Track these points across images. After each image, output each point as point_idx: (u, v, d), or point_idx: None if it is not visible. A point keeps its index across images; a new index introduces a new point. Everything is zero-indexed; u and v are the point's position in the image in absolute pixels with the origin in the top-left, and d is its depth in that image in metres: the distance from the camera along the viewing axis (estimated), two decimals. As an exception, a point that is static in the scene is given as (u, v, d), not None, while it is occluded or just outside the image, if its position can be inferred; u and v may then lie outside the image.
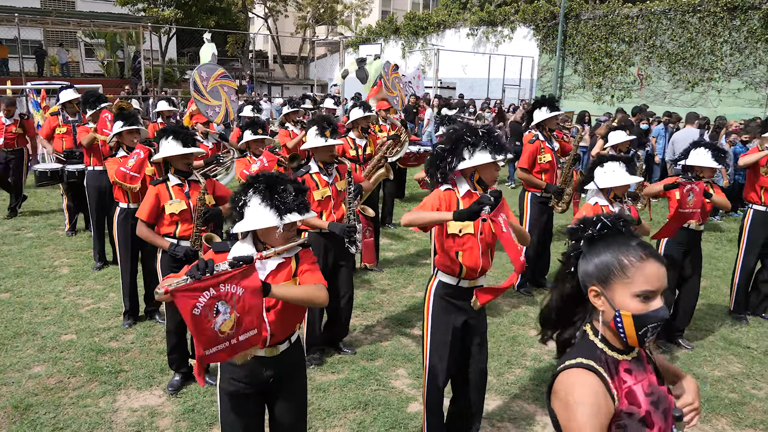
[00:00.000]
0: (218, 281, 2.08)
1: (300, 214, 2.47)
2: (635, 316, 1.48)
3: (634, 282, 1.49)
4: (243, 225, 2.46)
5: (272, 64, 37.12)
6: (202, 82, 5.70)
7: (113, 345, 4.76)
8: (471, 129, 3.08)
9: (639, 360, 1.60)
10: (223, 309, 2.10)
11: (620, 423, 1.49)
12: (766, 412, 4.02)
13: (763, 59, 17.00)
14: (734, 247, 8.07)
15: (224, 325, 2.12)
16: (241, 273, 2.14)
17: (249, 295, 2.17)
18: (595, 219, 1.61)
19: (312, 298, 2.43)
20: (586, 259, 1.58)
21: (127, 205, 5.03)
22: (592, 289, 1.56)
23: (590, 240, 1.59)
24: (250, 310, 2.18)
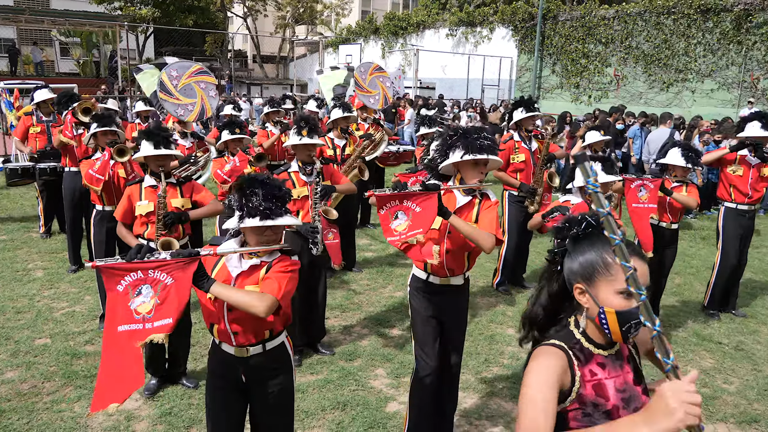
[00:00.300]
0: (147, 266, 2.19)
1: (261, 219, 2.42)
2: (619, 312, 1.52)
3: (618, 279, 1.52)
4: (228, 223, 2.56)
5: (251, 63, 36.92)
6: (172, 81, 5.64)
7: (89, 348, 4.70)
8: (455, 129, 3.14)
9: (617, 358, 1.64)
10: (145, 292, 2.20)
11: (585, 412, 1.53)
12: (737, 405, 4.11)
13: (735, 60, 17.34)
14: (708, 245, 8.25)
15: (141, 306, 2.19)
16: (177, 265, 2.23)
17: (178, 286, 2.24)
18: (580, 218, 1.64)
19: (247, 306, 2.33)
20: (571, 258, 1.61)
21: (103, 207, 4.99)
22: (577, 286, 1.59)
23: (575, 238, 1.62)
24: (173, 300, 2.23)
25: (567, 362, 1.54)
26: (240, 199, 2.46)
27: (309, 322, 4.69)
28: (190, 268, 2.25)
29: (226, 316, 2.51)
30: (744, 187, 5.43)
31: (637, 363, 1.70)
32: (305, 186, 4.36)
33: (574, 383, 1.53)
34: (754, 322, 5.57)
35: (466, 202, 3.17)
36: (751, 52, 17.03)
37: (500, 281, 6.19)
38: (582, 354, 1.58)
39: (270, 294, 2.37)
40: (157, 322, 2.22)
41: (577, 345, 1.59)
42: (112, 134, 5.01)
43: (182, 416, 3.79)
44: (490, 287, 6.28)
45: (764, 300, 6.16)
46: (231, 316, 2.50)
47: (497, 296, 6.08)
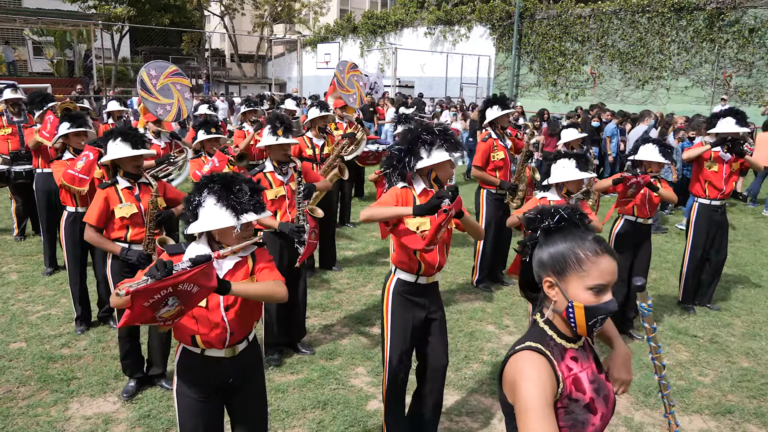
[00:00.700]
0: (177, 281, 2.08)
1: (256, 213, 2.49)
2: (587, 307, 1.53)
3: (589, 275, 1.53)
4: (198, 226, 2.45)
5: (229, 62, 36.62)
6: (151, 80, 5.58)
7: (65, 352, 4.64)
8: (427, 128, 3.13)
9: (584, 349, 1.66)
10: (171, 303, 2.14)
11: (567, 409, 1.54)
12: (712, 397, 4.18)
13: (708, 58, 17.64)
14: (683, 239, 8.38)
15: (165, 313, 2.15)
16: (201, 272, 2.15)
17: (201, 292, 2.19)
18: (552, 210, 1.64)
19: (272, 294, 2.45)
20: (542, 250, 1.61)
21: (75, 208, 4.91)
22: (547, 279, 1.59)
23: (547, 231, 1.62)
24: (193, 304, 2.23)
25: (550, 366, 1.54)
26: (229, 198, 2.43)
27: (289, 321, 4.66)
28: (210, 274, 2.20)
29: (225, 317, 2.49)
30: (719, 183, 5.53)
31: (595, 352, 1.73)
32: (282, 186, 4.34)
33: (559, 384, 1.54)
34: (728, 315, 5.68)
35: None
36: (723, 50, 17.34)
37: (479, 278, 6.23)
38: (556, 350, 1.59)
39: (279, 279, 2.51)
40: (176, 320, 2.26)
41: (551, 342, 1.60)
42: (84, 135, 4.93)
43: (161, 418, 3.76)
44: (470, 285, 6.31)
45: (738, 293, 6.29)
46: (230, 316, 2.49)
47: (477, 293, 6.12)
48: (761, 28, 16.49)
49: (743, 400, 4.17)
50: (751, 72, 16.85)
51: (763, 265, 7.31)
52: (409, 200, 3.14)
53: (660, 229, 8.79)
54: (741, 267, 7.16)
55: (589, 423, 1.56)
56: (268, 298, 2.48)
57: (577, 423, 1.54)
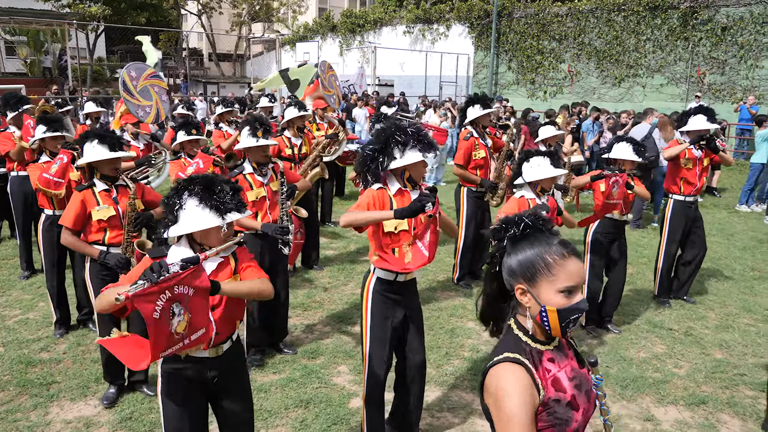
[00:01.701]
0: (174, 283, 2.09)
1: (239, 212, 2.51)
2: (560, 310, 1.57)
3: (558, 279, 1.57)
4: (181, 228, 2.44)
5: (207, 62, 36.29)
6: (132, 81, 5.54)
7: (44, 356, 4.60)
8: (400, 128, 3.15)
9: (560, 348, 1.70)
10: (177, 311, 2.13)
11: (549, 410, 1.58)
12: (687, 388, 4.28)
13: (683, 56, 17.92)
14: (658, 235, 8.52)
15: (179, 326, 2.16)
16: (191, 274, 2.17)
17: (198, 295, 2.21)
18: (517, 219, 1.67)
19: (260, 291, 2.52)
20: (510, 258, 1.65)
21: (53, 211, 4.87)
22: (519, 287, 1.63)
23: (513, 239, 1.65)
24: (199, 310, 2.23)
25: (530, 379, 1.57)
26: (211, 198, 2.44)
27: (271, 321, 4.67)
28: (201, 276, 2.22)
29: (212, 317, 2.49)
30: (693, 179, 5.65)
31: (575, 347, 1.77)
32: (262, 187, 4.34)
33: (540, 393, 1.57)
34: (703, 308, 5.81)
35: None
36: (697, 48, 17.63)
37: (459, 276, 6.29)
38: (533, 356, 1.62)
39: (264, 277, 2.57)
40: (194, 335, 2.24)
41: (527, 348, 1.63)
42: (61, 138, 4.88)
43: (143, 420, 3.75)
44: (450, 282, 6.37)
45: (711, 286, 6.42)
46: (215, 316, 2.50)
47: (457, 290, 6.17)
48: (733, 26, 16.80)
49: (717, 390, 4.27)
50: (724, 69, 17.16)
51: (736, 259, 7.48)
52: (385, 201, 3.18)
53: (636, 224, 8.93)
54: (714, 261, 7.31)
55: (573, 420, 1.60)
56: (256, 296, 2.53)
57: (561, 421, 1.58)
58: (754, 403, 4.09)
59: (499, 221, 1.72)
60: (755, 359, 4.76)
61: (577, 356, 1.74)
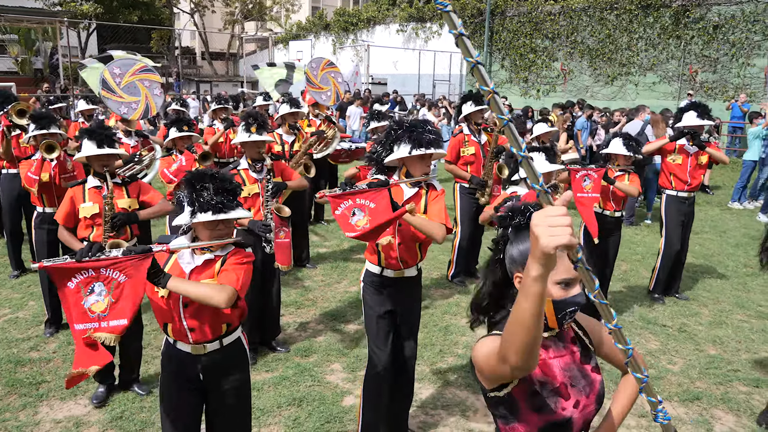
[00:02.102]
0: (99, 265, 2.16)
1: (214, 213, 2.42)
2: (555, 301, 1.56)
3: (557, 270, 1.54)
4: (178, 219, 2.51)
5: (200, 60, 36.15)
6: (114, 78, 5.47)
7: (33, 355, 4.55)
8: (399, 123, 3.15)
9: (560, 338, 1.68)
10: (98, 290, 2.18)
11: (533, 390, 1.58)
12: (681, 384, 4.28)
13: (675, 54, 17.97)
14: (652, 232, 8.55)
15: (95, 305, 2.18)
16: (130, 262, 2.19)
17: (132, 284, 2.21)
18: (523, 207, 1.65)
19: (207, 298, 2.31)
20: (512, 246, 1.63)
21: (44, 209, 4.84)
22: (517, 275, 1.61)
23: (517, 228, 1.63)
24: (126, 298, 2.21)
25: None
26: (190, 195, 2.43)
27: (264, 319, 4.64)
28: (143, 266, 2.21)
29: (182, 312, 2.48)
30: (683, 175, 5.65)
31: (586, 344, 1.75)
32: (256, 183, 4.31)
33: None
34: (696, 305, 5.81)
35: (413, 194, 3.21)
36: (689, 46, 17.68)
37: (455, 273, 6.27)
38: None
39: (229, 285, 2.38)
40: (113, 322, 2.21)
41: None
42: (51, 136, 4.83)
43: (134, 420, 3.71)
44: (445, 279, 6.35)
45: (705, 283, 6.43)
46: (187, 313, 2.48)
47: (452, 288, 6.15)
48: (725, 24, 16.85)
49: (710, 386, 4.27)
50: (716, 68, 17.22)
51: (729, 256, 7.50)
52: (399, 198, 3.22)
53: (629, 221, 8.94)
54: (707, 258, 7.33)
55: (559, 407, 1.59)
56: (203, 301, 2.33)
57: (545, 405, 1.57)
58: (748, 399, 4.09)
59: (506, 209, 1.70)
60: (749, 355, 4.76)
61: (584, 352, 1.71)
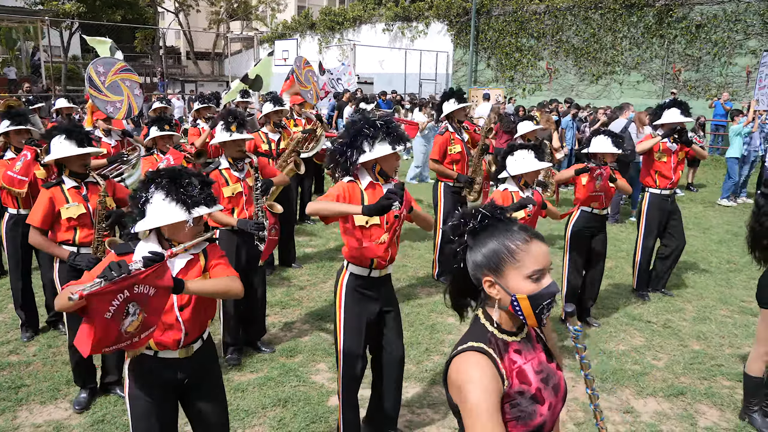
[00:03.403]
0: (133, 282, 1.99)
1: (208, 207, 2.43)
2: (531, 296, 1.53)
3: (525, 264, 1.53)
4: (147, 222, 2.37)
5: (185, 60, 35.89)
6: (99, 77, 5.41)
7: (12, 359, 4.47)
8: (369, 121, 3.10)
9: (528, 340, 1.66)
10: (132, 310, 2.03)
11: (513, 402, 1.54)
12: (665, 380, 4.30)
13: (659, 53, 18.13)
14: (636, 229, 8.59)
15: (131, 326, 2.05)
16: (154, 272, 2.07)
17: (159, 294, 2.11)
18: (474, 212, 1.63)
19: (227, 290, 2.41)
20: (473, 252, 1.60)
21: (17, 210, 4.69)
22: (486, 279, 1.58)
23: (473, 232, 1.61)
24: (155, 310, 2.13)
25: (493, 366, 1.53)
26: (177, 192, 2.35)
27: (249, 320, 4.60)
28: (165, 274, 2.12)
29: (180, 317, 2.43)
30: (668, 173, 5.68)
31: (545, 342, 1.73)
32: (238, 182, 4.26)
33: (504, 382, 1.54)
34: (680, 301, 5.85)
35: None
36: (672, 45, 17.84)
37: (439, 272, 6.25)
38: (498, 347, 1.58)
39: (233, 275, 2.47)
40: (144, 334, 2.14)
41: (492, 338, 1.59)
42: (26, 132, 4.73)
43: (116, 423, 3.65)
44: (431, 278, 6.34)
45: (689, 279, 6.48)
46: (184, 316, 2.43)
47: (437, 286, 6.14)
48: (707, 24, 17.03)
49: (695, 381, 4.29)
50: (699, 66, 17.40)
51: (712, 252, 7.56)
52: (355, 194, 3.13)
53: (614, 218, 8.99)
54: (691, 254, 7.38)
55: (537, 414, 1.56)
56: (223, 295, 2.43)
57: (524, 414, 1.54)
58: (732, 393, 4.12)
59: (457, 216, 1.66)
60: (732, 350, 4.80)
61: (546, 350, 1.71)
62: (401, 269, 6.45)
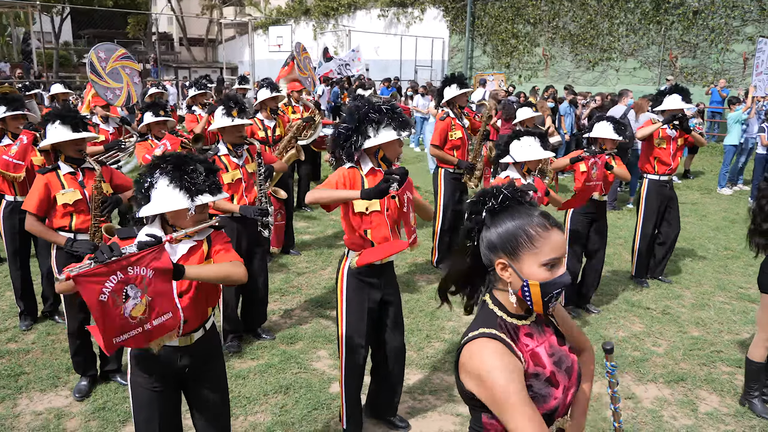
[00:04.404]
0: (126, 264, 1.98)
1: (212, 194, 2.40)
2: (543, 284, 1.51)
3: (542, 251, 1.51)
4: (150, 208, 2.35)
5: (178, 46, 35.54)
6: (100, 63, 5.34)
7: (11, 347, 4.44)
8: (374, 107, 3.06)
9: (538, 323, 1.64)
10: (132, 293, 2.01)
11: (528, 385, 1.52)
12: (665, 366, 4.31)
13: (656, 40, 18.06)
14: (634, 216, 8.60)
15: (135, 310, 2.03)
16: (150, 254, 2.05)
17: (159, 277, 2.08)
18: (495, 191, 1.60)
19: (229, 275, 2.36)
20: (489, 231, 1.57)
21: (14, 197, 4.65)
22: (500, 262, 1.55)
23: (493, 212, 1.58)
24: (161, 293, 2.10)
25: (508, 348, 1.52)
26: (181, 179, 2.33)
27: (249, 307, 4.58)
28: (163, 256, 2.09)
29: (179, 304, 2.39)
30: (667, 159, 5.67)
31: (556, 325, 1.72)
32: (237, 169, 4.22)
33: (522, 363, 1.52)
34: (679, 287, 5.86)
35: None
36: (669, 31, 17.77)
37: (438, 259, 6.25)
38: (509, 331, 1.56)
39: (236, 260, 2.42)
40: (156, 320, 2.09)
41: (502, 323, 1.57)
42: (23, 118, 4.67)
43: (117, 410, 3.64)
44: (430, 265, 6.33)
45: (687, 266, 6.49)
46: (183, 303, 2.39)
47: (436, 273, 6.14)
48: (704, 10, 16.95)
49: (694, 367, 4.31)
50: (696, 53, 17.34)
51: (710, 239, 7.58)
52: (356, 180, 3.09)
53: (611, 205, 8.99)
54: (689, 241, 7.39)
55: (551, 396, 1.54)
56: (224, 280, 2.37)
57: (539, 397, 1.52)
58: (731, 379, 4.14)
59: (477, 194, 1.64)
60: (731, 336, 4.82)
61: (556, 333, 1.69)
62: (400, 256, 6.44)
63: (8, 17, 23.50)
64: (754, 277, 6.14)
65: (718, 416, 3.73)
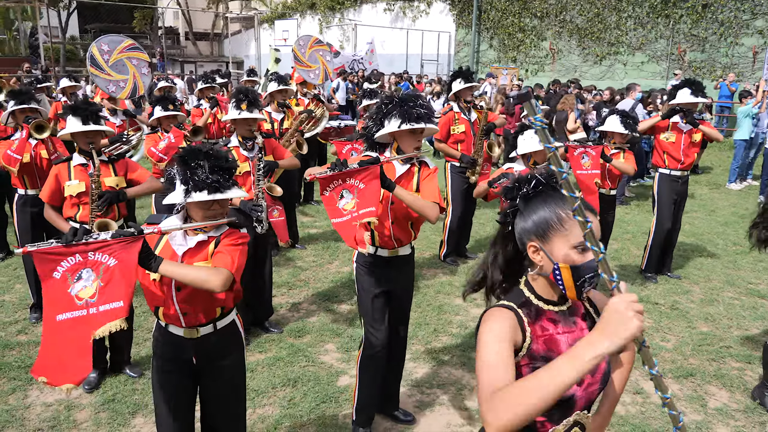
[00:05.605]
0: (87, 249, 2.06)
1: (209, 192, 2.34)
2: (573, 267, 1.51)
3: (572, 233, 1.51)
4: (168, 198, 2.41)
5: (184, 40, 35.55)
6: (103, 55, 5.33)
7: (22, 339, 4.46)
8: (389, 98, 3.07)
9: (570, 314, 1.63)
10: (86, 276, 2.07)
11: (536, 366, 1.52)
12: (674, 361, 4.30)
13: (664, 33, 17.93)
14: (642, 211, 8.58)
15: (82, 291, 2.06)
16: (119, 244, 2.10)
17: (123, 267, 2.10)
18: (529, 177, 1.62)
19: (202, 282, 2.24)
20: (523, 217, 1.60)
21: (26, 191, 4.70)
22: (531, 244, 1.58)
23: (526, 197, 1.60)
24: (118, 282, 2.10)
25: (516, 321, 1.53)
26: (184, 173, 2.33)
27: (256, 300, 4.59)
28: (133, 248, 2.10)
29: (175, 296, 2.40)
30: (677, 154, 5.63)
31: (594, 319, 1.70)
32: (246, 161, 4.22)
33: (525, 339, 1.54)
34: (687, 283, 5.83)
35: (404, 170, 3.13)
36: (678, 25, 17.64)
37: (447, 252, 6.24)
38: (531, 311, 1.58)
39: (224, 268, 2.30)
40: (104, 306, 2.07)
41: (526, 303, 1.59)
42: (31, 111, 4.69)
43: (126, 402, 3.66)
44: (437, 259, 6.32)
45: (696, 262, 6.46)
46: (180, 296, 2.40)
47: (444, 267, 6.13)
48: (714, 3, 16.81)
49: (704, 363, 4.29)
50: (704, 47, 17.21)
51: (718, 234, 7.53)
52: (391, 174, 3.12)
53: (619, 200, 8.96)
54: (698, 236, 7.36)
55: None
56: (200, 286, 2.26)
57: None
58: (741, 375, 4.12)
59: (512, 180, 1.65)
60: (740, 332, 4.79)
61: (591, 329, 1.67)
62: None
63: (15, 12, 23.56)
64: (763, 272, 6.13)
65: (727, 412, 3.71)
